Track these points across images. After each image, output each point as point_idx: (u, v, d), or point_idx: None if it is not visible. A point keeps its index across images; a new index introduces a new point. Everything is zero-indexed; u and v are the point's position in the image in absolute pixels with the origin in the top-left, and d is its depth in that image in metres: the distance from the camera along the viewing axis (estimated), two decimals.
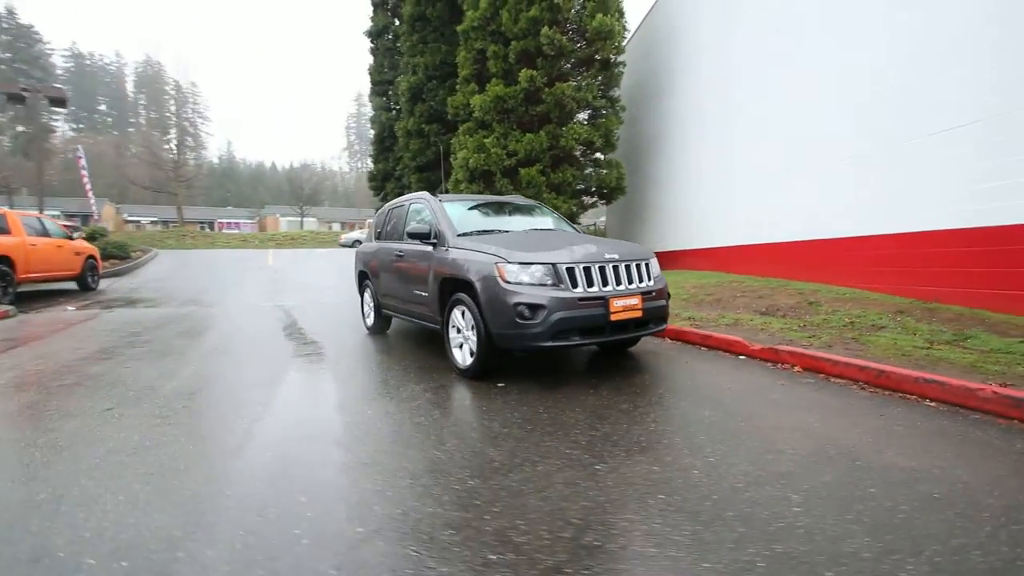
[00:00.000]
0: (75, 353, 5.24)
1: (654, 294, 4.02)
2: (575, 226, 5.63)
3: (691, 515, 1.96)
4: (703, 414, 3.11)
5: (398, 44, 18.69)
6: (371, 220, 6.72)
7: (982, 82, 5.32)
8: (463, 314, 4.06)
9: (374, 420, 3.13)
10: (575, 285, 3.67)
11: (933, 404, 3.15)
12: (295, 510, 2.03)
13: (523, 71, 11.64)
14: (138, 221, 51.12)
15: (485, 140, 11.69)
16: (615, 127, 11.94)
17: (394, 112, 18.51)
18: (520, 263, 3.68)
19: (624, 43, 11.85)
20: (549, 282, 3.65)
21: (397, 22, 18.60)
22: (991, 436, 2.66)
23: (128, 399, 3.62)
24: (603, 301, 3.69)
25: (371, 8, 19.49)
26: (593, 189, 12.39)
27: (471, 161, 11.68)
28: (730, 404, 3.30)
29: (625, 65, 12.03)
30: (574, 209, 11.81)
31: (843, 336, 4.82)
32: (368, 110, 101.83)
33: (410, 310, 5.13)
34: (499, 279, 3.67)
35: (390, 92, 19.22)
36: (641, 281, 3.99)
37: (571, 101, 11.18)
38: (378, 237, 6.22)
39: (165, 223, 47.44)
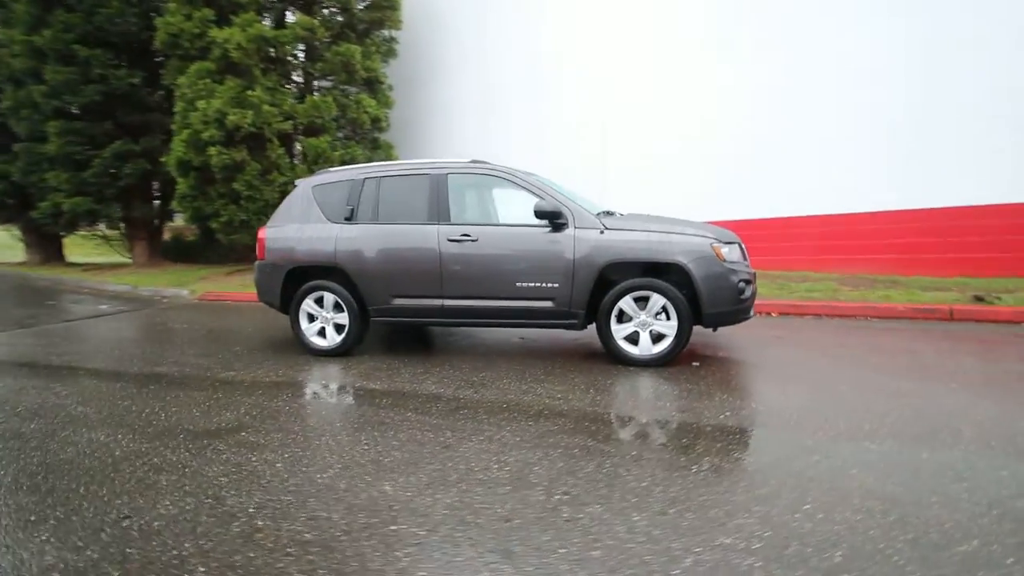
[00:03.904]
0: None
1: None
2: None
3: None
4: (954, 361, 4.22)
5: None
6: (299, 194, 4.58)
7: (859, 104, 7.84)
8: (640, 301, 3.85)
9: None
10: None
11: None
12: None
13: (301, 17, 9.53)
14: None
15: (250, 93, 8.92)
16: (391, 107, 11.23)
17: None
18: (722, 242, 3.87)
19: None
20: (738, 258, 4.01)
21: None
22: None
23: None
24: (755, 275, 4.33)
25: None
26: None
27: (230, 118, 8.70)
28: (926, 355, 4.16)
29: (398, 43, 11.41)
30: None
31: (825, 295, 6.63)
32: None
33: (503, 308, 4.09)
34: (717, 259, 3.77)
35: None
36: None
37: (360, 68, 9.89)
38: (348, 219, 4.46)
39: None
